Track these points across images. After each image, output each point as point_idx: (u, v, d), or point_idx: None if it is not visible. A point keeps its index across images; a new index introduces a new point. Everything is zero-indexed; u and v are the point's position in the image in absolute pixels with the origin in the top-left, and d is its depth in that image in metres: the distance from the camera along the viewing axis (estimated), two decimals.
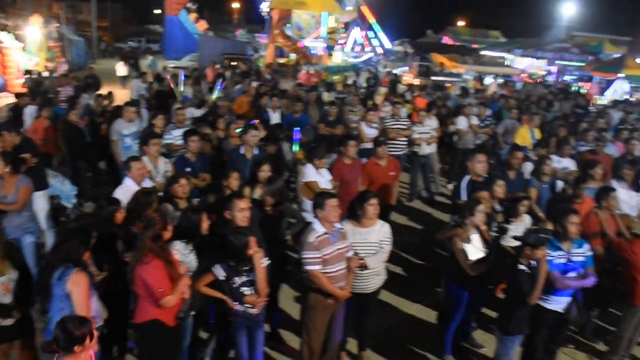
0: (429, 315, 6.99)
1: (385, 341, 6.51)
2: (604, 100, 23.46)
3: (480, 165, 7.23)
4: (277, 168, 7.54)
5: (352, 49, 34.51)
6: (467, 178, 7.21)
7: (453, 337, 6.15)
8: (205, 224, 5.14)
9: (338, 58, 29.83)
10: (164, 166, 7.56)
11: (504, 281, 5.58)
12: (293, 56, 28.51)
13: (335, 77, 22.51)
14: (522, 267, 5.05)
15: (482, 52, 35.21)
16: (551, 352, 5.85)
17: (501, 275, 5.71)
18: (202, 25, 39.54)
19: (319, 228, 5.12)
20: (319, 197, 5.25)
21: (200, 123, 9.57)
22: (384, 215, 7.55)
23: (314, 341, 5.39)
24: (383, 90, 18.59)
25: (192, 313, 4.99)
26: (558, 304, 5.46)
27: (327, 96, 15.66)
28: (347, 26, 34.83)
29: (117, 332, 5.45)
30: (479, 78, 25.10)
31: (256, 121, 9.26)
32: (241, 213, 5.27)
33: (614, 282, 6.46)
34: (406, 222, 10.34)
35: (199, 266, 5.04)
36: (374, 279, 5.62)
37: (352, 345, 6.20)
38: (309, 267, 5.09)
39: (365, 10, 34.64)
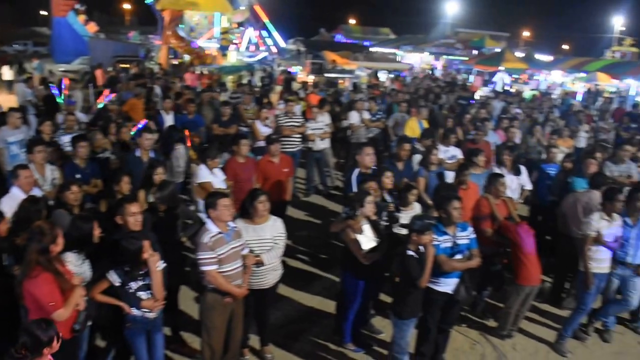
0: (328, 305, 7.14)
1: (286, 334, 6.61)
2: (488, 91, 24.74)
3: (368, 158, 7.48)
4: None
5: (247, 48, 34.40)
6: (356, 171, 7.42)
7: (352, 325, 6.32)
8: (96, 232, 5.04)
9: (233, 58, 29.67)
10: (51, 174, 7.29)
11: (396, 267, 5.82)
12: (187, 57, 28.12)
13: (230, 77, 22.40)
14: (410, 252, 5.28)
15: (373, 49, 36.13)
16: (445, 332, 6.12)
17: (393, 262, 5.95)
18: (92, 27, 38.03)
19: (212, 228, 5.14)
20: (211, 197, 5.27)
21: (91, 128, 9.31)
22: (280, 211, 7.71)
23: (214, 341, 5.39)
24: (278, 88, 18.74)
25: (89, 323, 4.88)
26: (447, 285, 5.72)
27: (221, 96, 15.58)
28: (240, 26, 34.70)
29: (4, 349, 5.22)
30: (375, 74, 25.81)
31: (149, 123, 9.13)
32: (133, 217, 5.20)
33: (506, 262, 6.93)
34: (304, 217, 10.51)
35: (94, 274, 4.94)
36: (270, 274, 5.69)
37: (254, 341, 6.24)
38: (204, 268, 5.09)
39: (259, 10, 34.63)
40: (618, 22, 64.76)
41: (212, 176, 7.44)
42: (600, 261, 6.48)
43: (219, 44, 29.76)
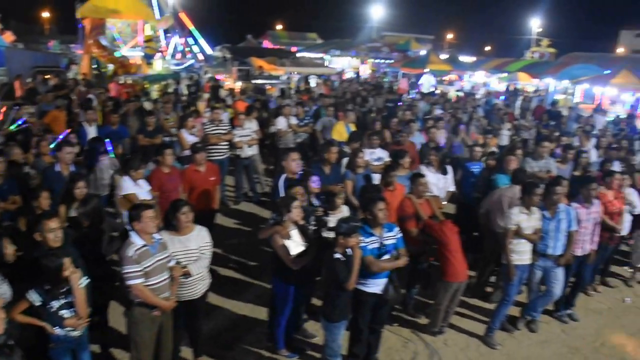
0: (261, 312, 7.11)
1: (219, 344, 6.54)
2: (414, 93, 25.30)
3: (294, 163, 7.50)
4: None
5: (173, 56, 33.89)
6: (283, 176, 7.43)
7: (285, 331, 6.32)
8: (9, 250, 4.85)
9: (159, 66, 29.15)
10: None
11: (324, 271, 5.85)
12: (111, 66, 27.42)
13: (155, 86, 21.99)
14: (338, 255, 5.31)
15: (300, 54, 36.28)
16: (376, 332, 6.20)
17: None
18: (9, 36, 36.47)
19: (137, 241, 5.03)
20: (135, 210, 5.15)
21: (9, 142, 8.94)
22: (208, 220, 7.63)
23: (143, 356, 5.27)
24: (205, 96, 18.54)
25: (11, 342, 4.68)
26: (376, 286, 5.79)
27: (148, 105, 15.29)
28: (166, 33, 34.15)
29: None
30: (305, 79, 25.92)
31: (71, 136, 8.86)
32: (52, 233, 5.03)
33: (432, 260, 7.09)
34: (234, 225, 10.42)
35: (15, 295, 4.74)
36: (199, 284, 5.62)
37: (186, 353, 6.14)
38: (130, 282, 4.97)
39: (184, 17, 34.18)
40: (535, 24, 67.60)
41: (136, 187, 7.28)
42: (521, 253, 6.73)
43: (144, 53, 29.17)
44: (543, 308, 7.41)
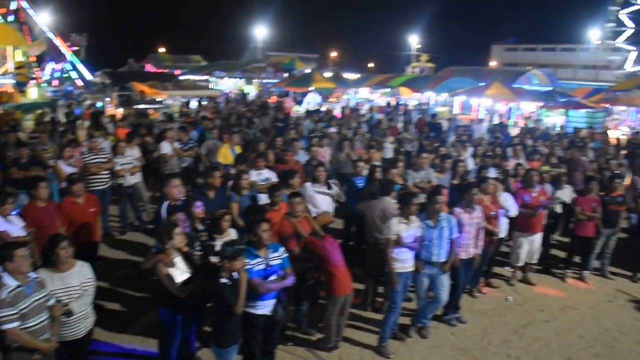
0: (152, 344, 6.90)
1: None
2: (300, 112, 25.62)
3: (175, 189, 7.38)
4: None
5: (49, 83, 32.45)
6: (165, 203, 7.31)
7: None
8: None
9: (34, 94, 27.76)
10: None
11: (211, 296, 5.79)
12: None
13: (30, 115, 20.88)
14: (224, 280, 5.29)
15: (184, 77, 35.90)
16: (270, 353, 6.22)
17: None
18: None
19: (10, 282, 4.76)
20: (5, 249, 4.88)
21: None
22: (91, 253, 7.35)
23: None
24: (85, 124, 17.87)
25: None
26: (265, 307, 5.81)
27: (23, 136, 14.51)
28: (40, 59, 32.66)
29: None
30: (187, 103, 25.57)
31: None
32: None
33: (319, 276, 7.16)
34: (120, 256, 10.04)
35: None
36: (82, 323, 5.39)
37: None
38: (5, 327, 4.70)
39: (61, 42, 32.88)
40: (414, 40, 70.81)
41: (7, 224, 6.86)
42: (403, 261, 6.96)
43: (15, 80, 27.68)
44: (432, 314, 7.67)
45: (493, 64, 70.91)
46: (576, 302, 8.92)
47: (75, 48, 37.20)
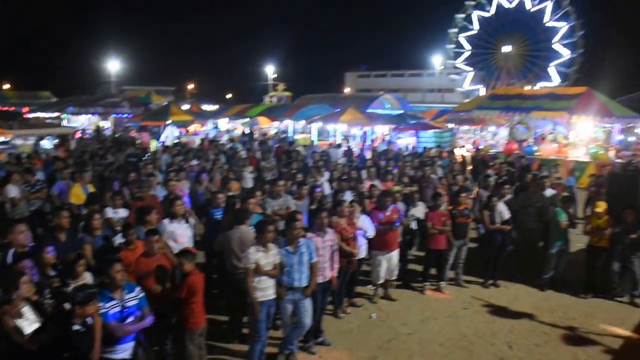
0: None
1: None
2: (158, 146, 25.11)
3: (21, 235, 6.93)
4: None
5: None
6: (11, 251, 6.87)
7: None
8: None
9: None
10: None
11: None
12: None
13: None
14: (77, 327, 5.06)
15: (32, 115, 34.03)
16: None
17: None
18: None
19: None
20: None
21: None
22: None
23: None
24: None
25: None
26: (124, 351, 5.63)
27: None
28: None
29: None
30: (37, 142, 24.19)
31: None
32: None
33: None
34: None
35: None
36: None
37: None
38: None
39: None
40: (270, 70, 72.22)
41: None
42: (264, 289, 6.98)
43: None
44: (298, 339, 7.72)
45: (347, 90, 73.93)
46: (435, 313, 9.41)
47: None
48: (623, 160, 22.01)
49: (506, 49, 56.22)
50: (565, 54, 54.55)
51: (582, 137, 26.31)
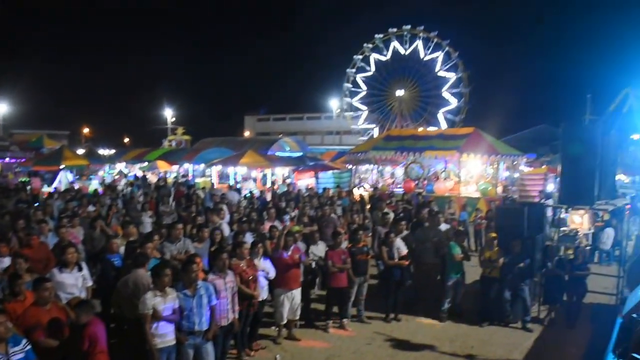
0: None
1: None
2: (50, 191, 24.06)
3: None
4: None
5: None
6: None
7: None
8: None
9: None
10: None
11: None
12: None
13: None
14: None
15: None
16: None
17: None
18: None
19: None
20: None
21: None
22: None
23: None
24: None
25: None
26: None
27: None
28: None
29: None
30: None
31: None
32: None
33: None
34: None
35: None
36: None
37: None
38: None
39: None
40: (169, 114, 71.53)
41: None
42: (163, 336, 6.80)
43: None
44: None
45: (247, 134, 74.30)
46: (339, 350, 9.47)
47: None
48: (507, 195, 23.45)
49: (399, 92, 58.31)
50: (453, 102, 57.19)
51: (472, 174, 27.66)
